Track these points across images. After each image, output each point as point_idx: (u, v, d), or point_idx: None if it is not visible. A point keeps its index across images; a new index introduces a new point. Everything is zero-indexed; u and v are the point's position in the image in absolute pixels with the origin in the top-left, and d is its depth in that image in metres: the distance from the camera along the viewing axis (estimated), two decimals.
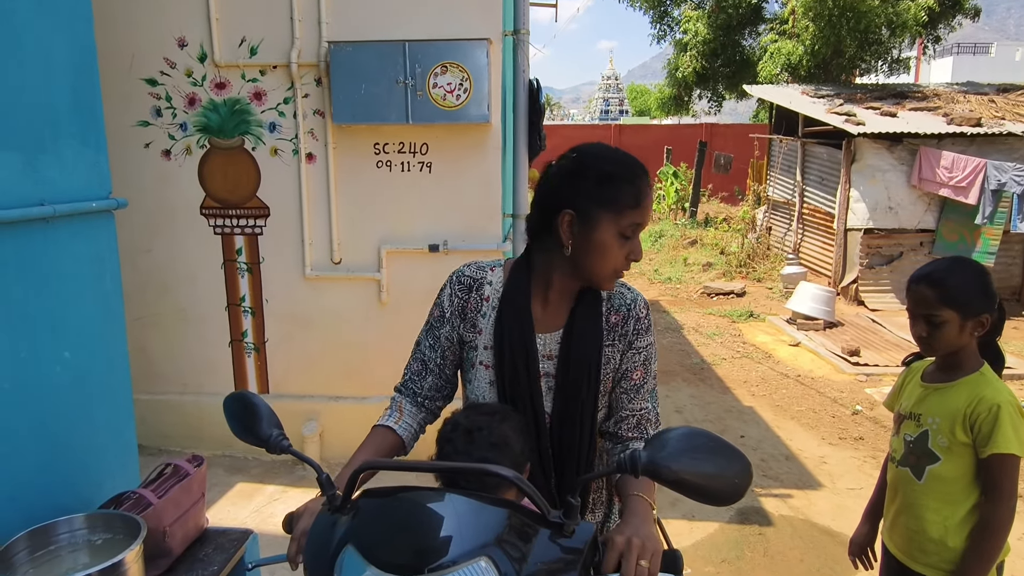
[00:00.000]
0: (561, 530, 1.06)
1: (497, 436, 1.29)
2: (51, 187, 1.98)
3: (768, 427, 4.74)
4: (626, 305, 1.43)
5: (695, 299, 8.96)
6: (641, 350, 1.42)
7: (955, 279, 1.67)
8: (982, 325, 1.65)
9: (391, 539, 1.06)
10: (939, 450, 1.69)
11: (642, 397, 1.42)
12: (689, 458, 1.03)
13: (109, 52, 3.49)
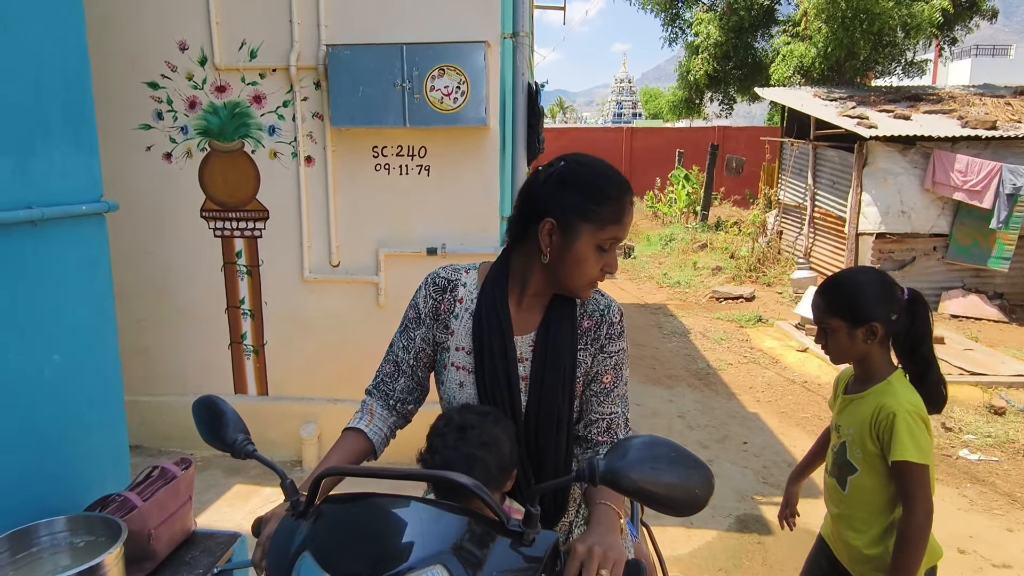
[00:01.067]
0: (521, 538, 1.05)
1: (488, 435, 1.30)
2: (40, 190, 1.99)
3: (772, 434, 4.68)
4: (599, 311, 1.44)
5: (703, 303, 8.89)
6: (613, 354, 1.43)
7: (843, 289, 1.71)
8: (873, 333, 1.67)
9: (348, 546, 1.06)
10: (856, 461, 1.72)
11: (612, 401, 1.44)
12: (649, 467, 1.01)
13: (111, 55, 3.53)
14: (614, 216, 1.33)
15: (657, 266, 11.60)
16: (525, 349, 1.42)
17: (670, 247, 12.80)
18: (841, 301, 1.70)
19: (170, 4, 3.47)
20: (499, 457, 1.28)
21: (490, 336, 1.42)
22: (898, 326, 1.69)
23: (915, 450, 1.59)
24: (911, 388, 1.71)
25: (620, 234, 1.35)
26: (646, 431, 4.62)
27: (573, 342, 1.40)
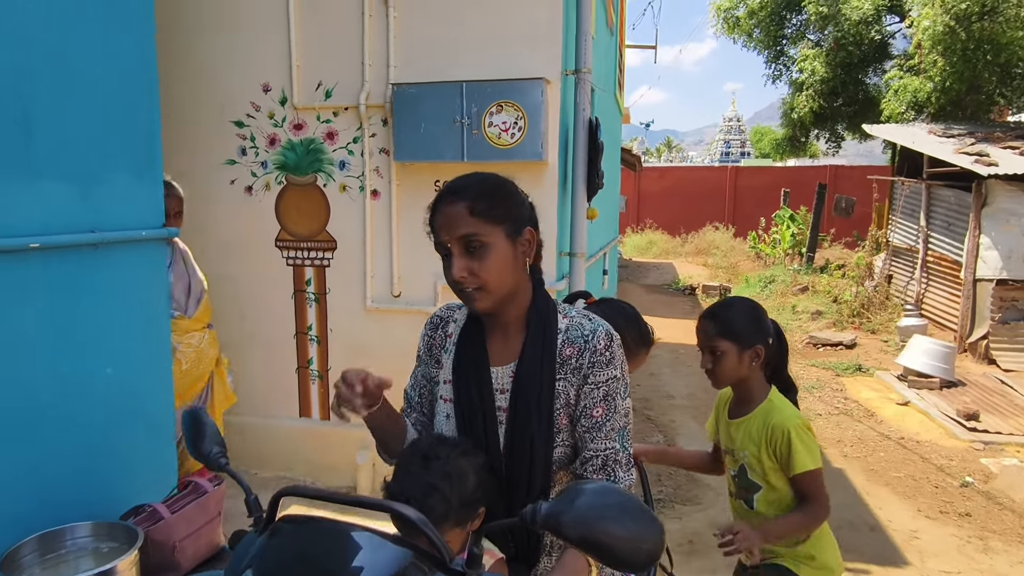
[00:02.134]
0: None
1: (452, 467, 1.28)
2: (103, 216, 2.17)
3: (856, 492, 4.29)
4: (583, 337, 1.36)
5: (799, 349, 8.38)
6: (600, 385, 1.34)
7: (730, 313, 1.86)
8: (758, 355, 1.81)
9: (289, 568, 1.06)
10: (757, 479, 1.85)
11: (606, 436, 1.34)
12: (595, 516, 0.95)
13: (206, 97, 3.85)
14: (433, 221, 1.37)
15: None
16: (505, 380, 1.39)
17: (769, 289, 12.22)
18: (732, 325, 1.83)
19: (258, 50, 3.76)
20: (461, 491, 1.24)
21: (466, 367, 1.42)
22: (772, 350, 1.86)
23: (810, 459, 1.78)
24: (787, 402, 1.87)
25: (441, 236, 1.33)
26: (718, 482, 4.36)
27: (549, 372, 1.34)
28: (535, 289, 1.42)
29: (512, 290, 1.36)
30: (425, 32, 3.55)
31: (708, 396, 6.37)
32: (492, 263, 1.29)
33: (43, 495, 2.00)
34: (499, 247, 1.30)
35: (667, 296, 12.68)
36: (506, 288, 1.34)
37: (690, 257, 18.83)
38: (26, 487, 1.97)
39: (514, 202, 1.35)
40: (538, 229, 1.39)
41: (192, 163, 3.94)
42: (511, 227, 1.31)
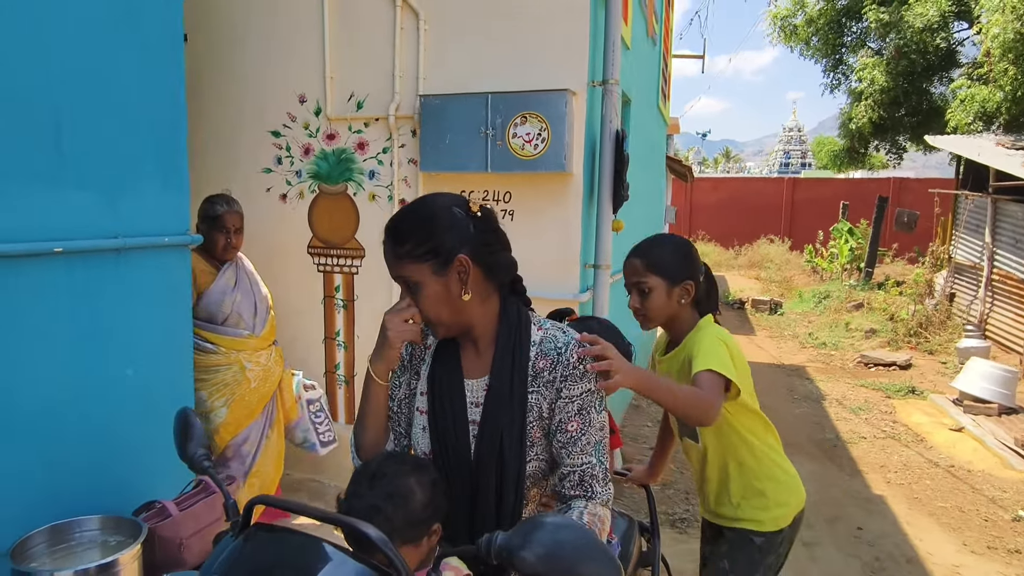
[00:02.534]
0: None
1: (396, 487, 1.27)
2: (127, 223, 2.27)
3: (896, 521, 4.09)
4: (556, 349, 1.35)
5: (849, 368, 8.07)
6: (574, 398, 1.32)
7: (658, 250, 1.83)
8: (687, 292, 1.80)
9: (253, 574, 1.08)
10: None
11: (582, 451, 1.32)
12: (548, 552, 0.94)
13: (245, 107, 3.99)
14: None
15: (805, 325, 10.75)
16: (479, 393, 1.39)
17: (823, 305, 11.82)
18: (662, 260, 1.81)
19: (294, 62, 3.87)
20: (406, 510, 1.24)
21: (440, 379, 1.42)
22: (701, 289, 1.84)
23: (706, 360, 1.66)
24: (718, 327, 1.84)
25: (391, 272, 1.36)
26: None
27: (519, 385, 1.33)
28: (504, 303, 1.40)
29: (460, 317, 1.35)
30: (454, 44, 3.59)
31: None
32: (425, 300, 1.31)
33: (57, 488, 2.09)
34: (428, 284, 1.30)
35: None
36: (449, 319, 1.34)
37: (743, 270, 18.39)
38: (40, 480, 2.07)
39: (437, 237, 1.30)
40: (484, 250, 1.33)
41: (232, 171, 4.08)
42: (437, 263, 1.30)
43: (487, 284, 1.37)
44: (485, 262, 1.34)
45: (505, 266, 1.39)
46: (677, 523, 3.95)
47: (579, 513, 1.26)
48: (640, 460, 4.70)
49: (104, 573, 1.74)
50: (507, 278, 1.41)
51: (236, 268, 3.16)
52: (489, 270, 1.36)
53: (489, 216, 1.37)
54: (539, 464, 1.37)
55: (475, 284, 1.34)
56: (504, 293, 1.42)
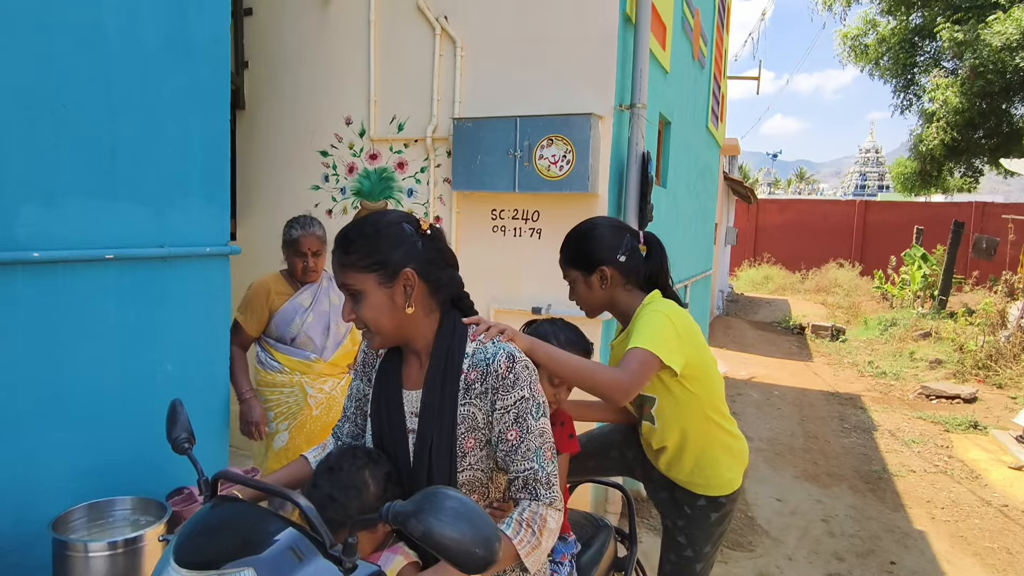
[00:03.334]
0: (340, 564, 1.15)
1: (351, 479, 1.40)
2: (174, 234, 2.52)
3: (934, 559, 3.94)
4: (485, 360, 1.39)
5: (909, 400, 7.75)
6: (509, 408, 1.36)
7: (567, 244, 1.87)
8: (604, 277, 1.80)
9: (193, 539, 1.24)
10: (648, 391, 1.83)
11: (523, 457, 1.36)
12: (434, 517, 1.05)
13: (298, 129, 4.28)
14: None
15: (867, 353, 10.37)
16: (417, 403, 1.45)
17: (889, 333, 11.37)
18: (572, 252, 1.85)
19: (343, 87, 4.13)
20: (360, 501, 1.36)
21: (382, 389, 1.50)
22: (631, 266, 1.80)
23: (641, 339, 1.66)
24: (658, 298, 1.80)
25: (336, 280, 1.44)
26: (778, 531, 4.17)
27: (450, 396, 1.38)
28: (443, 317, 1.46)
29: (401, 329, 1.41)
30: (489, 70, 3.76)
31: (791, 441, 6.06)
32: (367, 309, 1.37)
33: (100, 469, 2.33)
34: (371, 294, 1.36)
35: (773, 334, 12.10)
36: (389, 329, 1.40)
37: (808, 295, 17.85)
38: (85, 461, 2.31)
39: (384, 250, 1.36)
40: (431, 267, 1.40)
41: (285, 188, 4.37)
42: (383, 274, 1.36)
43: (431, 299, 1.43)
44: (431, 278, 1.41)
45: (449, 282, 1.45)
46: None
47: (521, 511, 1.33)
48: None
49: (130, 546, 1.93)
50: (451, 294, 1.47)
51: (315, 289, 3.08)
52: (434, 285, 1.42)
53: (437, 235, 1.45)
54: (474, 473, 1.40)
55: (420, 298, 1.40)
56: (446, 308, 1.47)
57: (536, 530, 1.31)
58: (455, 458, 1.39)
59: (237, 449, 4.65)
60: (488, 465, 1.42)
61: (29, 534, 2.12)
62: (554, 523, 1.35)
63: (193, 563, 1.16)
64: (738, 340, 11.25)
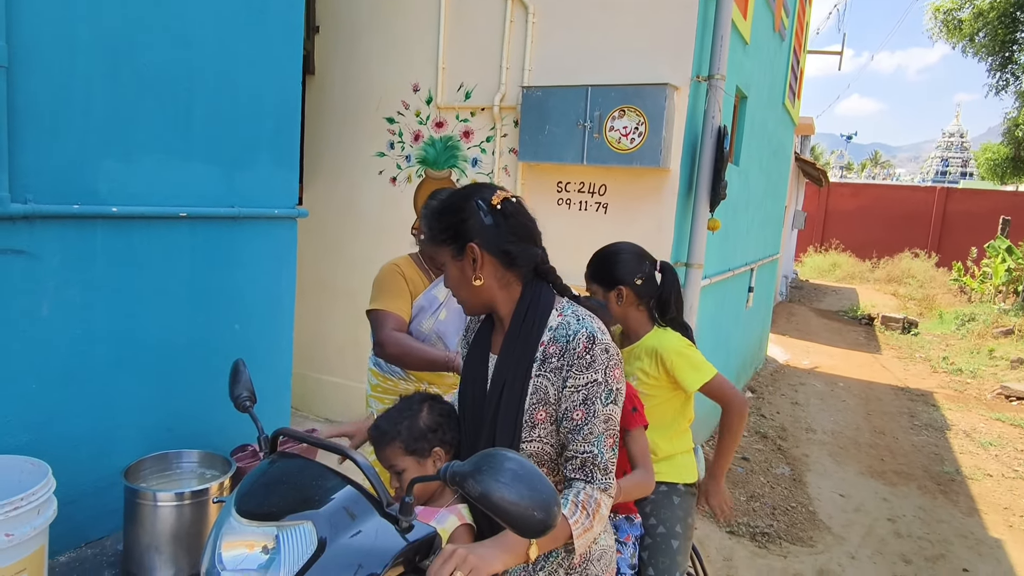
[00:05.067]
0: (397, 522, 1.14)
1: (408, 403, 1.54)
2: (244, 195, 2.54)
3: (1011, 569, 3.72)
4: (566, 336, 1.37)
5: (986, 400, 7.34)
6: (579, 388, 1.34)
7: (599, 259, 2.09)
8: (620, 295, 2.01)
9: (253, 492, 1.24)
10: (642, 397, 1.95)
11: (585, 440, 1.34)
12: (492, 478, 1.03)
13: (365, 95, 4.27)
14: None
15: (942, 348, 9.86)
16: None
17: (966, 329, 10.79)
18: (596, 269, 2.07)
19: (411, 53, 4.09)
20: (410, 421, 1.48)
21: (471, 352, 1.53)
22: (645, 290, 2.02)
23: (698, 375, 1.98)
24: (672, 332, 2.06)
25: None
26: (841, 527, 4.02)
27: (522, 366, 1.37)
28: (524, 288, 1.44)
29: (478, 299, 1.43)
30: (560, 37, 3.65)
31: (855, 434, 5.83)
32: (449, 279, 1.46)
33: (168, 423, 2.40)
34: (449, 265, 1.44)
35: (839, 323, 11.64)
36: (467, 299, 1.45)
37: (878, 284, 17.09)
38: (160, 415, 2.38)
39: (453, 224, 1.40)
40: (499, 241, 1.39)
41: (350, 154, 4.38)
42: (454, 248, 1.41)
43: (506, 272, 1.42)
44: (500, 251, 1.39)
45: (523, 255, 1.42)
46: (758, 536, 3.82)
47: (577, 492, 1.30)
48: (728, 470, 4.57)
49: (196, 498, 1.98)
50: (527, 267, 1.44)
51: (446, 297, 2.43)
52: (506, 258, 1.40)
53: (511, 209, 1.41)
54: (542, 446, 1.39)
55: (490, 271, 1.40)
56: (527, 279, 1.45)
57: (590, 513, 1.29)
58: (520, 425, 1.38)
59: (297, 411, 4.78)
60: (557, 441, 1.40)
61: (103, 480, 2.20)
62: (606, 510, 1.34)
63: (254, 514, 1.16)
64: (801, 328, 10.87)
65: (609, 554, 1.52)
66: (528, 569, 1.41)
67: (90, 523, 2.18)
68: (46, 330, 2.04)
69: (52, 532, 1.72)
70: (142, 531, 1.94)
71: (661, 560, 1.96)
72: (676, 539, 2.01)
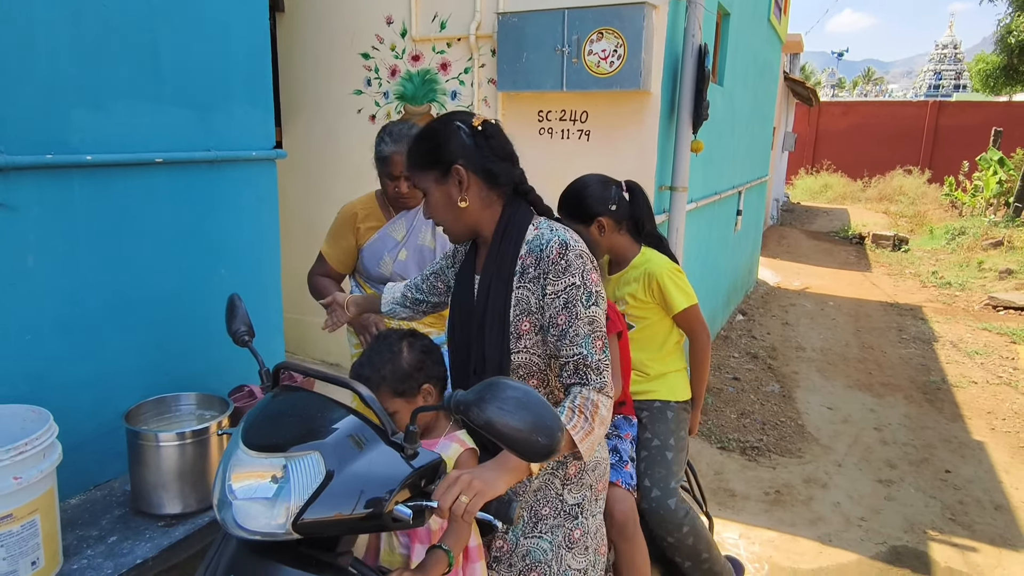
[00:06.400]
0: (402, 450, 1.17)
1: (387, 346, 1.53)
2: (220, 138, 2.51)
3: (991, 468, 3.88)
4: (540, 245, 1.42)
5: (974, 311, 7.47)
6: (559, 294, 1.39)
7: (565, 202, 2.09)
8: (601, 226, 2.05)
9: (259, 425, 1.28)
10: (631, 320, 2.12)
11: (572, 343, 1.38)
12: (496, 406, 1.06)
13: (337, 31, 4.16)
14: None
15: (932, 263, 9.96)
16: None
17: (956, 243, 10.87)
18: (570, 209, 2.07)
19: None
20: (392, 365, 1.47)
21: (459, 273, 1.59)
22: (620, 214, 2.06)
23: (684, 298, 2.07)
24: (658, 253, 2.15)
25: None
26: (828, 438, 4.16)
27: (504, 280, 1.43)
28: (505, 206, 1.48)
29: (463, 223, 1.47)
30: None
31: (843, 351, 5.96)
32: (432, 206, 1.48)
33: (166, 367, 2.44)
34: (432, 191, 1.46)
35: (830, 244, 11.71)
36: (452, 224, 1.48)
37: (870, 203, 17.09)
38: (156, 359, 2.42)
39: (437, 149, 1.43)
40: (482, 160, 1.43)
41: (326, 93, 4.30)
42: (438, 172, 1.43)
43: (490, 192, 1.46)
44: (483, 171, 1.43)
45: (504, 174, 1.47)
46: (748, 450, 3.96)
47: (573, 397, 1.34)
48: (719, 390, 4.69)
49: (197, 437, 2.04)
50: (507, 185, 1.48)
51: (412, 219, 2.44)
52: (489, 178, 1.45)
53: (490, 130, 1.45)
54: (530, 357, 1.44)
55: (475, 192, 1.44)
56: (507, 198, 1.49)
57: (588, 416, 1.32)
58: (508, 336, 1.43)
59: (292, 354, 4.84)
60: (544, 351, 1.45)
61: (105, 425, 2.26)
62: (605, 410, 1.36)
63: (261, 446, 1.20)
64: (792, 250, 10.93)
65: (603, 465, 1.58)
66: (524, 481, 1.47)
67: (96, 467, 2.25)
68: (34, 282, 2.05)
69: (60, 477, 1.77)
70: (147, 471, 2.01)
71: (657, 471, 2.04)
72: (670, 451, 2.08)
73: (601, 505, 1.58)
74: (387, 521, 1.11)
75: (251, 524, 1.11)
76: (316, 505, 1.09)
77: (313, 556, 1.15)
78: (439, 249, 2.39)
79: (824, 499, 3.47)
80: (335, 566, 1.17)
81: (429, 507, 1.14)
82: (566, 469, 1.49)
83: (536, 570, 1.47)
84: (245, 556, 1.15)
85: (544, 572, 1.47)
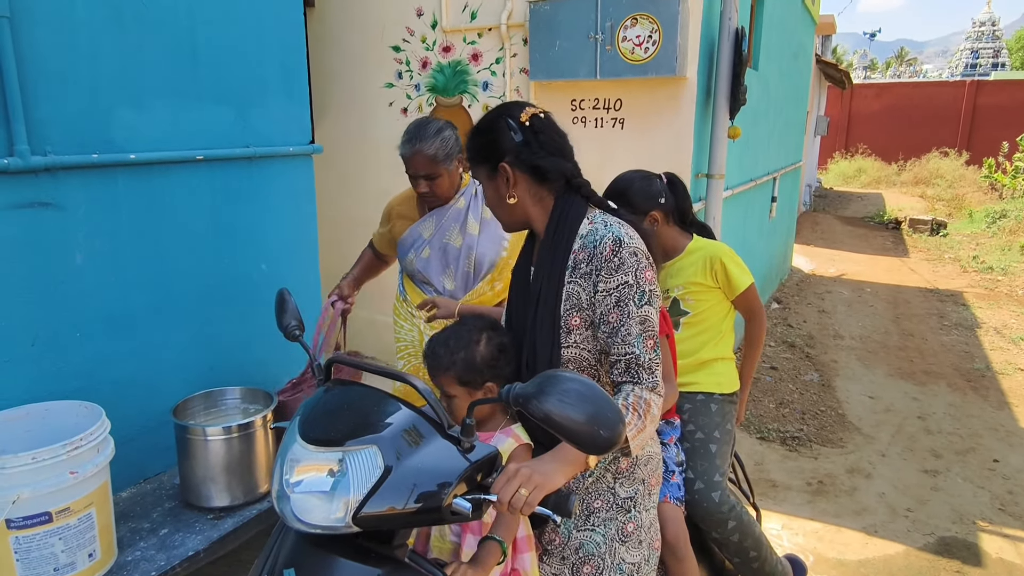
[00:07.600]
0: (459, 443, 1.17)
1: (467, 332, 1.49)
2: (257, 134, 2.53)
3: None
4: (593, 242, 1.40)
5: (1018, 296, 7.25)
6: (611, 291, 1.37)
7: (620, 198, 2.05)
8: (654, 220, 2.09)
9: (315, 419, 1.28)
10: (687, 306, 2.16)
11: (624, 341, 1.36)
12: (556, 399, 1.04)
13: (368, 25, 4.16)
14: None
15: (972, 247, 9.69)
16: None
17: (997, 226, 10.55)
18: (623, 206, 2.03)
19: None
20: (467, 354, 1.44)
21: (517, 264, 1.58)
22: (668, 206, 2.12)
23: (745, 276, 2.12)
24: (709, 240, 2.22)
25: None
26: (871, 427, 4.08)
27: (556, 274, 1.41)
28: (557, 200, 1.46)
29: (515, 216, 1.48)
30: None
31: (882, 339, 5.83)
32: (487, 197, 1.51)
33: (211, 362, 2.48)
34: (486, 186, 1.48)
35: (865, 230, 11.45)
36: (505, 217, 1.49)
37: (906, 187, 16.67)
38: (201, 355, 2.45)
39: (485, 145, 1.45)
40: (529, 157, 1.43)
41: (358, 87, 4.31)
42: (488, 168, 1.45)
43: (539, 187, 1.46)
44: (530, 167, 1.43)
45: (555, 170, 1.45)
46: (788, 440, 3.90)
47: (626, 395, 1.33)
48: (756, 379, 4.62)
49: (243, 431, 2.06)
50: (559, 182, 1.47)
51: (441, 217, 2.33)
52: (537, 174, 1.44)
53: (539, 125, 1.43)
54: (580, 352, 1.43)
55: (523, 188, 1.44)
56: (559, 192, 1.47)
57: (641, 414, 1.31)
58: (558, 330, 1.42)
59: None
60: (594, 347, 1.43)
61: (153, 420, 2.30)
62: (656, 408, 1.34)
63: (318, 440, 1.20)
64: (826, 236, 10.72)
65: (656, 460, 1.56)
66: (580, 476, 1.46)
67: (146, 460, 2.29)
68: (83, 280, 2.09)
69: (112, 470, 1.81)
70: (196, 464, 2.04)
71: (700, 463, 2.02)
72: (714, 443, 2.06)
73: (655, 500, 1.56)
74: (445, 514, 1.10)
75: (310, 517, 1.11)
76: (375, 499, 1.09)
77: (371, 549, 1.15)
78: (465, 249, 2.32)
79: (868, 489, 3.40)
80: (393, 559, 1.17)
81: (488, 500, 1.13)
82: (618, 464, 1.47)
83: (590, 563, 1.46)
84: (304, 549, 1.15)
85: (598, 565, 1.45)
